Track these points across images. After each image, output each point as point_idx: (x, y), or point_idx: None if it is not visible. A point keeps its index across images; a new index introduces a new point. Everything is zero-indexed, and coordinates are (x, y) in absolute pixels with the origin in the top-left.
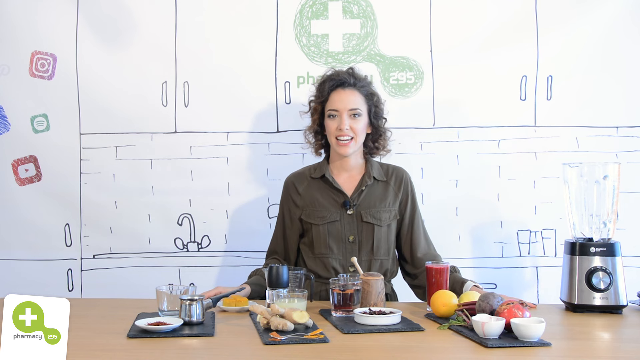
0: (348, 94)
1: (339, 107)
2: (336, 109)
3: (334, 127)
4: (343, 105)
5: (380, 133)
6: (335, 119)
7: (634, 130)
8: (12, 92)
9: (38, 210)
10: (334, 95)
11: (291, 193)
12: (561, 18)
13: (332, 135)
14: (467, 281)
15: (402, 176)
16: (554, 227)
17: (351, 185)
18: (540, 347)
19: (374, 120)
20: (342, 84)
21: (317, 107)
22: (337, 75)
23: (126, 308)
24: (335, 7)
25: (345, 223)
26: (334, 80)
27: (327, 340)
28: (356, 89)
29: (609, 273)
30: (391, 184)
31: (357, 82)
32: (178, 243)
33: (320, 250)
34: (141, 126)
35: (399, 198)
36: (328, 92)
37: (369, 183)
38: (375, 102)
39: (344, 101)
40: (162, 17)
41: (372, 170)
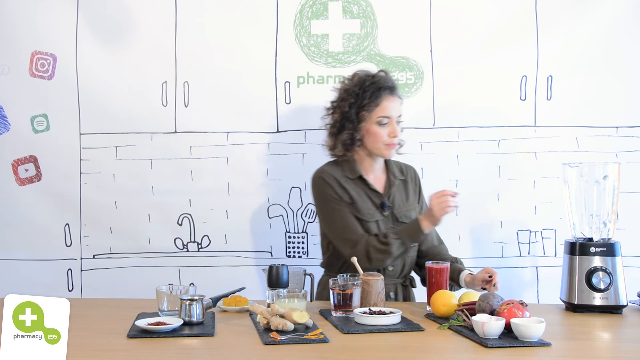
0: (397, 100)
1: (391, 114)
2: (388, 116)
3: (385, 134)
4: (395, 112)
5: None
6: (385, 125)
7: (634, 130)
8: (12, 92)
9: (38, 210)
10: (387, 102)
11: (336, 186)
12: (561, 18)
13: (382, 141)
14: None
15: (415, 172)
16: (554, 227)
17: (380, 185)
18: (540, 347)
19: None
20: (393, 90)
21: (363, 114)
22: (388, 82)
23: (126, 308)
24: (335, 7)
25: (382, 223)
26: (388, 86)
27: (327, 340)
28: (399, 96)
29: (609, 273)
30: (409, 182)
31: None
32: (178, 243)
33: None
34: (141, 126)
35: (417, 194)
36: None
37: (396, 183)
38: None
39: (395, 108)
40: (162, 17)
41: (394, 170)
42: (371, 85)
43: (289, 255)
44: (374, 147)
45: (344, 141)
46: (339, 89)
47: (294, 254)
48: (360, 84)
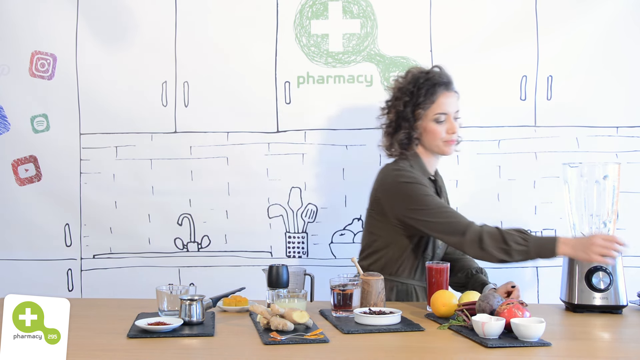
0: (453, 95)
1: (449, 110)
2: (445, 112)
3: (443, 131)
4: (452, 108)
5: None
6: (443, 122)
7: (634, 130)
8: (12, 92)
9: (38, 210)
10: (443, 98)
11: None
12: (561, 18)
13: (440, 139)
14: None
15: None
16: (554, 227)
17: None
18: (540, 347)
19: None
20: (449, 85)
21: (419, 112)
22: (443, 77)
23: (126, 308)
24: (335, 7)
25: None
26: (443, 82)
27: (327, 340)
28: (455, 91)
29: (609, 273)
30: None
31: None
32: (178, 243)
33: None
34: (141, 126)
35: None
36: (438, 95)
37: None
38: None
39: (452, 104)
40: (162, 17)
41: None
42: (425, 82)
43: (289, 255)
44: (432, 144)
45: (400, 140)
46: (392, 88)
47: (294, 254)
48: (414, 82)
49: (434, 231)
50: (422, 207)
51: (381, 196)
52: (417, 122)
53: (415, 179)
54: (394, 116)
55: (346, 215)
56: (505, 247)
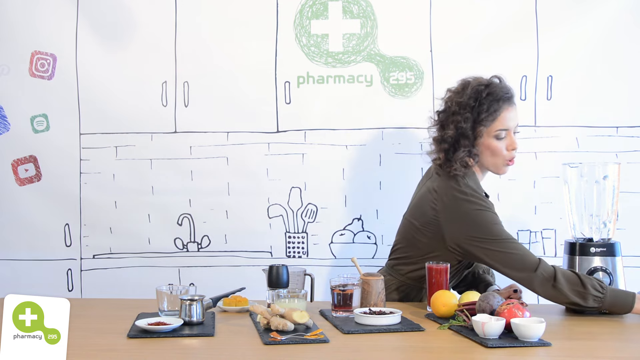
0: (514, 109)
1: (510, 125)
2: (507, 128)
3: (504, 148)
4: (514, 123)
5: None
6: (504, 139)
7: (634, 130)
8: (12, 92)
9: (38, 210)
10: (505, 113)
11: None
12: (561, 18)
13: (502, 157)
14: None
15: None
16: (554, 227)
17: None
18: (540, 347)
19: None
20: (510, 99)
21: (481, 130)
22: (505, 90)
23: (126, 308)
24: (335, 7)
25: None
26: (506, 97)
27: (327, 340)
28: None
29: (609, 273)
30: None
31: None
32: (178, 243)
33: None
34: (141, 126)
35: None
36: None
37: None
38: None
39: (513, 119)
40: (162, 17)
41: None
42: (487, 96)
43: (289, 255)
44: (491, 163)
45: (461, 159)
46: (448, 100)
47: (294, 254)
48: (476, 96)
49: (499, 263)
50: (491, 238)
51: (441, 218)
52: (478, 139)
53: (484, 205)
54: (454, 132)
55: (346, 215)
56: (582, 291)
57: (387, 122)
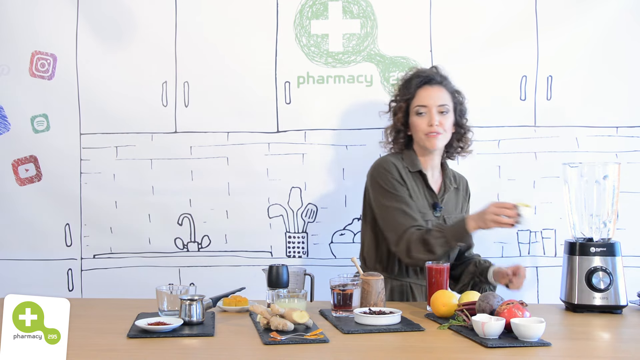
0: (436, 90)
1: (428, 103)
2: (425, 104)
3: (424, 124)
4: (432, 101)
5: (465, 131)
6: (424, 115)
7: (634, 130)
8: (12, 92)
9: (38, 210)
10: (422, 91)
11: (402, 174)
12: (561, 17)
13: (421, 131)
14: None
15: (467, 184)
16: (554, 227)
17: (436, 186)
18: (540, 347)
19: (459, 118)
20: (430, 80)
21: (401, 106)
22: (424, 72)
23: (126, 308)
24: (335, 7)
25: (431, 225)
26: (421, 77)
27: (327, 340)
28: (443, 86)
29: (609, 273)
30: (460, 191)
31: (443, 80)
32: (178, 243)
33: None
34: (141, 126)
35: (466, 204)
36: (415, 89)
37: (451, 188)
38: (460, 99)
39: (433, 97)
40: (162, 17)
41: (450, 175)
42: (410, 79)
43: (289, 255)
44: (417, 138)
45: (391, 134)
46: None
47: (294, 254)
48: (402, 78)
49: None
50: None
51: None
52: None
53: (388, 169)
54: (390, 113)
55: (346, 215)
56: (427, 247)
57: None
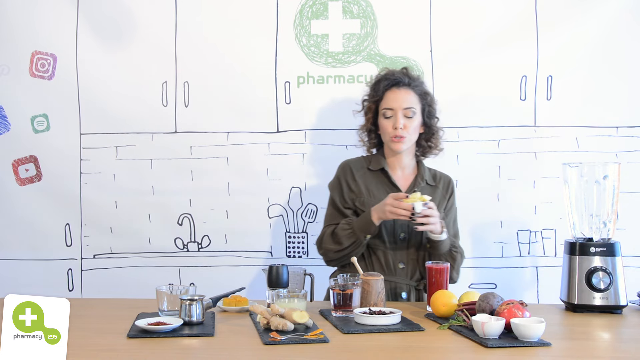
0: (403, 93)
1: (394, 105)
2: (391, 107)
3: (389, 126)
4: (398, 104)
5: (433, 132)
6: (390, 118)
7: (634, 130)
8: (12, 92)
9: (38, 210)
10: (389, 94)
11: (347, 177)
12: (561, 17)
13: (387, 133)
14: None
15: (449, 182)
16: (554, 227)
17: (405, 184)
18: (540, 347)
19: (427, 119)
20: (397, 83)
21: (371, 106)
22: (392, 75)
23: (126, 308)
24: (335, 7)
25: (398, 220)
26: (389, 79)
27: (327, 340)
28: (410, 88)
29: (609, 273)
30: (440, 189)
31: (411, 82)
32: (178, 243)
33: (374, 242)
34: (141, 126)
35: (445, 202)
36: (383, 91)
37: (422, 185)
38: (429, 101)
39: (399, 100)
40: (162, 17)
41: (424, 174)
42: (378, 81)
43: (289, 255)
44: (384, 139)
45: (363, 133)
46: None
47: (294, 254)
48: (372, 81)
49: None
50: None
51: None
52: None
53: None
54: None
55: None
56: (336, 239)
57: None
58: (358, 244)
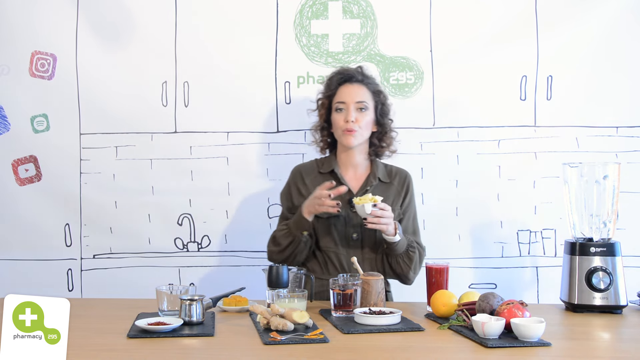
0: (356, 88)
1: (346, 99)
2: (343, 101)
3: (341, 120)
4: (350, 98)
5: (386, 131)
6: (342, 112)
7: (634, 130)
8: (12, 92)
9: (38, 210)
10: (342, 89)
11: (297, 182)
12: (561, 17)
13: (339, 127)
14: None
15: (405, 177)
16: (554, 227)
17: (357, 184)
18: (540, 347)
19: (380, 117)
20: (350, 78)
21: (324, 102)
22: (346, 71)
23: (126, 308)
24: (335, 7)
25: (349, 220)
26: (342, 74)
27: (327, 340)
28: (364, 85)
29: (609, 273)
30: (395, 185)
31: (364, 79)
32: (178, 243)
33: (325, 244)
34: (141, 126)
35: (401, 198)
36: (336, 87)
37: (374, 183)
38: (382, 99)
39: (352, 94)
40: (162, 17)
41: (377, 171)
42: (334, 75)
43: None
44: (336, 135)
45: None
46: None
47: None
48: (326, 78)
49: None
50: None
51: None
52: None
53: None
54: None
55: None
56: (275, 241)
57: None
58: (297, 242)
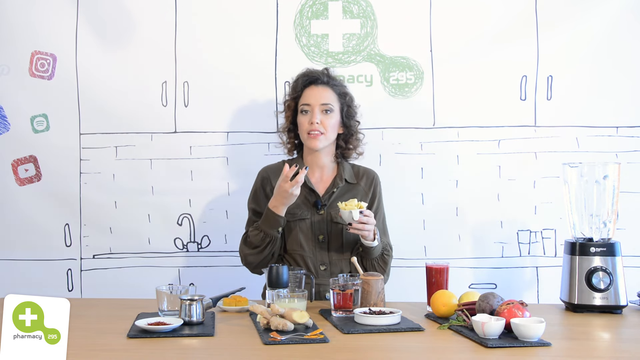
0: (321, 90)
1: (311, 101)
2: (308, 103)
3: (306, 122)
4: (315, 100)
5: (352, 133)
6: (307, 114)
7: (634, 130)
8: (12, 92)
9: (38, 210)
10: (307, 91)
11: (264, 184)
12: (561, 17)
13: (304, 130)
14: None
15: (373, 177)
16: (554, 227)
17: (323, 185)
18: (540, 347)
19: (346, 119)
20: (316, 80)
21: (290, 104)
22: (311, 73)
23: (126, 308)
24: (335, 7)
25: (316, 222)
26: (307, 77)
27: (327, 340)
28: (329, 87)
29: (609, 273)
30: (361, 185)
31: (330, 81)
32: (178, 243)
33: (292, 247)
34: (141, 126)
35: (368, 198)
36: (301, 89)
37: (341, 185)
38: (347, 101)
39: (316, 96)
40: (162, 18)
41: (343, 173)
42: (299, 77)
43: None
44: (301, 137)
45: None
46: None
47: None
48: (292, 80)
49: None
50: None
51: None
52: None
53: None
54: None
55: None
56: (247, 242)
57: (387, 122)
58: (274, 241)
